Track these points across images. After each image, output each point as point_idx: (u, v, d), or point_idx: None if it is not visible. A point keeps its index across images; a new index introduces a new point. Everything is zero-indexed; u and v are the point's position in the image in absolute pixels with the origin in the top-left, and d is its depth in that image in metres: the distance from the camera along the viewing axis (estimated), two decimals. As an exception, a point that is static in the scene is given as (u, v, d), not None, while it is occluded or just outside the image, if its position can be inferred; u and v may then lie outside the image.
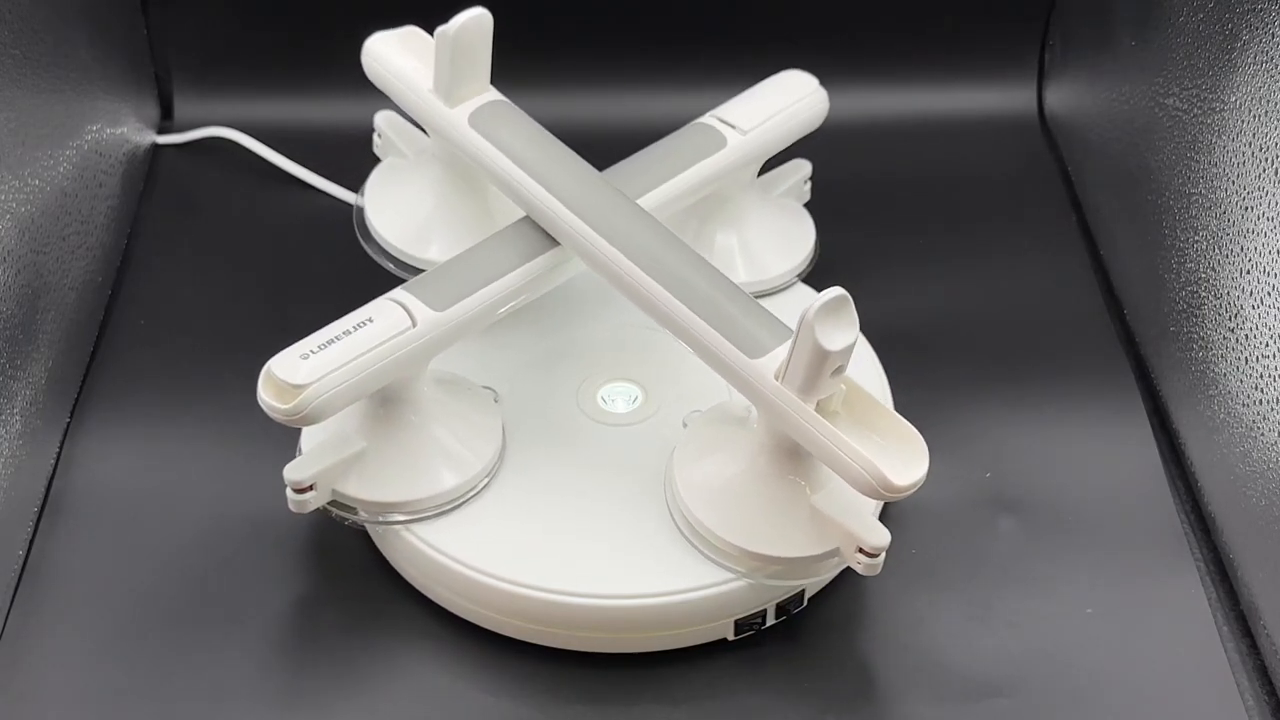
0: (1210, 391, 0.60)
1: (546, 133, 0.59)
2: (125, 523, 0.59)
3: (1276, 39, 0.55)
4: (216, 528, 0.59)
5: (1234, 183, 0.58)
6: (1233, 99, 0.58)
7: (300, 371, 0.50)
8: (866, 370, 0.61)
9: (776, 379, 0.49)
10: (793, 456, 0.52)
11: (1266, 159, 0.55)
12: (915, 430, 0.50)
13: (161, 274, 0.70)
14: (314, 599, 0.57)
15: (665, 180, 0.60)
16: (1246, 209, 0.57)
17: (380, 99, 0.63)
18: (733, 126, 0.62)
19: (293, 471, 0.53)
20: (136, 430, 0.63)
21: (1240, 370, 0.57)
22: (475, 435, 0.57)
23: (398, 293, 0.54)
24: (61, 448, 0.62)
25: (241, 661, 0.54)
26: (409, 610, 0.56)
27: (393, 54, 0.61)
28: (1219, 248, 0.59)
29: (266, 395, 0.50)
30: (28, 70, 0.62)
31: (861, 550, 0.51)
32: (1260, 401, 0.55)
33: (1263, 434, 0.55)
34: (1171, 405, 0.64)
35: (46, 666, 0.54)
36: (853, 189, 0.74)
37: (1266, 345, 0.55)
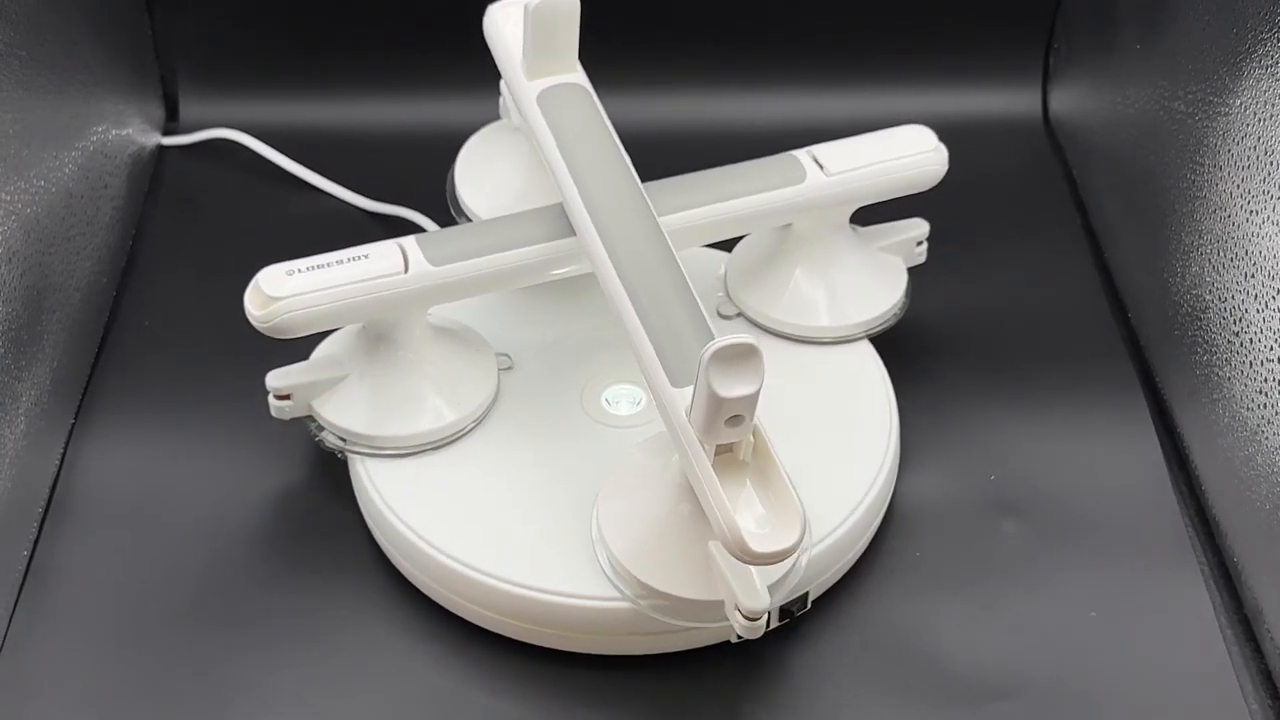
0: (1214, 395, 0.60)
1: (604, 125, 0.58)
2: (129, 523, 0.59)
3: (1281, 42, 0.55)
4: (220, 529, 0.59)
5: (1239, 186, 0.58)
6: (1237, 103, 0.58)
7: (281, 286, 0.54)
8: (870, 373, 0.61)
9: (685, 414, 0.48)
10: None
11: (1271, 163, 0.55)
12: (799, 502, 0.48)
13: (166, 275, 0.71)
14: (317, 600, 0.57)
15: (722, 200, 0.59)
16: (1251, 213, 0.57)
17: (389, 101, 0.63)
18: (820, 165, 0.60)
19: (272, 378, 0.57)
20: (140, 431, 0.63)
21: (1244, 374, 0.57)
22: (456, 391, 0.58)
23: (406, 239, 0.56)
24: (66, 449, 0.62)
25: (244, 662, 0.54)
26: (412, 611, 0.56)
27: (506, 21, 0.61)
28: (1223, 251, 0.59)
29: (249, 301, 0.54)
30: (33, 72, 0.63)
31: (739, 609, 0.49)
32: (1264, 405, 0.55)
33: (1266, 437, 0.55)
34: (1175, 408, 0.64)
35: (51, 666, 0.54)
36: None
37: (1270, 349, 0.55)
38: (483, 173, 0.65)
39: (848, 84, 0.80)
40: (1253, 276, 0.57)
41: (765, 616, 0.49)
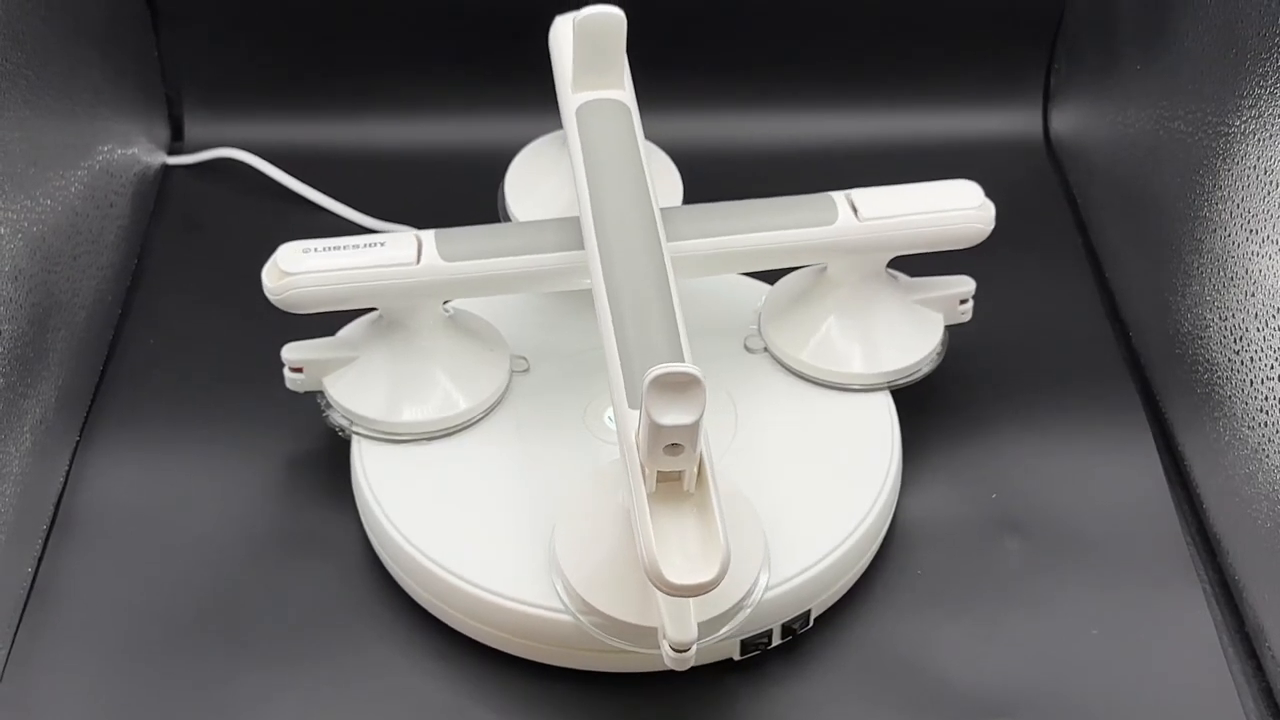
0: (1215, 413, 0.60)
1: (633, 144, 0.58)
2: (133, 540, 0.59)
3: (1281, 63, 0.55)
4: (224, 546, 0.59)
5: (1239, 206, 0.58)
6: (1238, 123, 0.58)
7: (296, 263, 0.56)
8: (874, 392, 0.61)
9: (634, 436, 0.48)
10: None
11: (1271, 182, 0.55)
12: (723, 541, 0.47)
13: (171, 293, 0.71)
14: (320, 618, 0.57)
15: (746, 231, 0.59)
16: (1251, 232, 0.57)
17: (392, 121, 0.63)
18: (854, 209, 0.59)
19: (287, 351, 0.59)
20: (145, 449, 0.63)
21: (1245, 392, 0.57)
22: (459, 385, 0.59)
23: (426, 231, 0.57)
24: (71, 465, 0.62)
25: (248, 679, 0.54)
26: (415, 629, 0.56)
27: (567, 33, 0.61)
28: (1224, 270, 0.59)
29: (266, 275, 0.56)
30: (40, 92, 0.63)
31: (666, 638, 0.49)
32: (1265, 424, 0.55)
33: (1268, 456, 0.55)
34: (1177, 427, 0.64)
35: (55, 683, 0.54)
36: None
37: (1271, 367, 0.55)
38: (533, 183, 0.65)
39: (850, 104, 0.80)
40: (1253, 295, 0.57)
41: (693, 649, 0.49)
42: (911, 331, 0.62)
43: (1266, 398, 0.55)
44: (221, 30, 0.78)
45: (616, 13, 0.58)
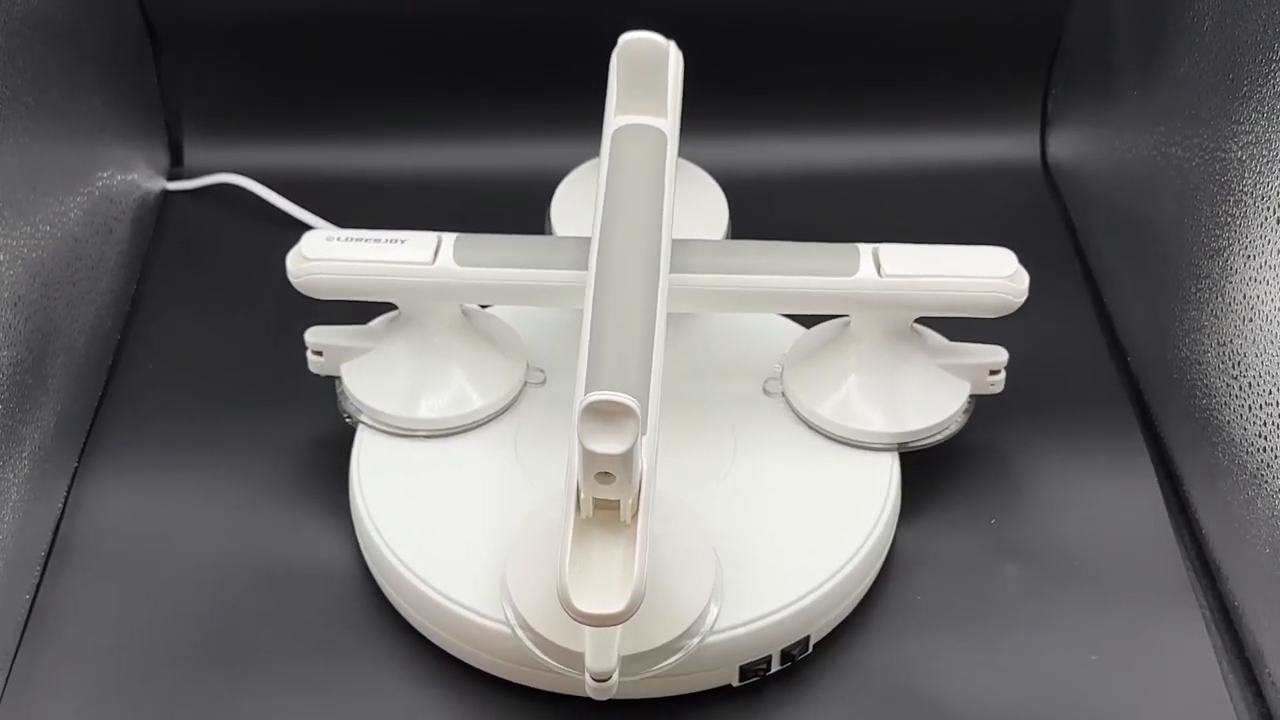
0: (1214, 439, 0.60)
1: (659, 173, 0.58)
2: (132, 567, 0.59)
3: (1277, 89, 0.55)
4: (223, 572, 0.59)
5: (1236, 231, 0.58)
6: (1235, 149, 0.59)
7: (317, 249, 0.58)
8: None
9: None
10: None
11: (1268, 208, 0.56)
12: (636, 577, 0.46)
13: (170, 319, 0.71)
14: (321, 644, 0.57)
15: (759, 273, 0.58)
16: (1249, 257, 0.57)
17: (391, 147, 0.63)
18: (877, 264, 0.58)
19: (310, 334, 0.61)
20: (144, 475, 0.63)
21: (1244, 418, 0.57)
22: (464, 388, 0.60)
23: (448, 234, 0.58)
24: (69, 492, 0.62)
25: (248, 706, 0.54)
26: (414, 654, 0.56)
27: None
28: (1222, 296, 0.59)
29: (290, 258, 0.58)
30: (40, 117, 0.63)
31: (586, 665, 0.49)
32: (1264, 449, 0.55)
33: (1266, 481, 0.55)
34: (1175, 453, 0.64)
35: (54, 708, 0.54)
36: (857, 236, 0.74)
37: (1270, 393, 0.55)
38: (580, 206, 0.65)
39: (846, 129, 0.80)
40: (1251, 321, 0.57)
41: (613, 680, 0.49)
42: (928, 397, 0.60)
43: (1265, 423, 0.55)
44: (221, 57, 0.78)
45: (658, 40, 0.58)
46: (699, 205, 0.67)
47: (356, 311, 0.61)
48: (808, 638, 0.55)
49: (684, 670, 0.52)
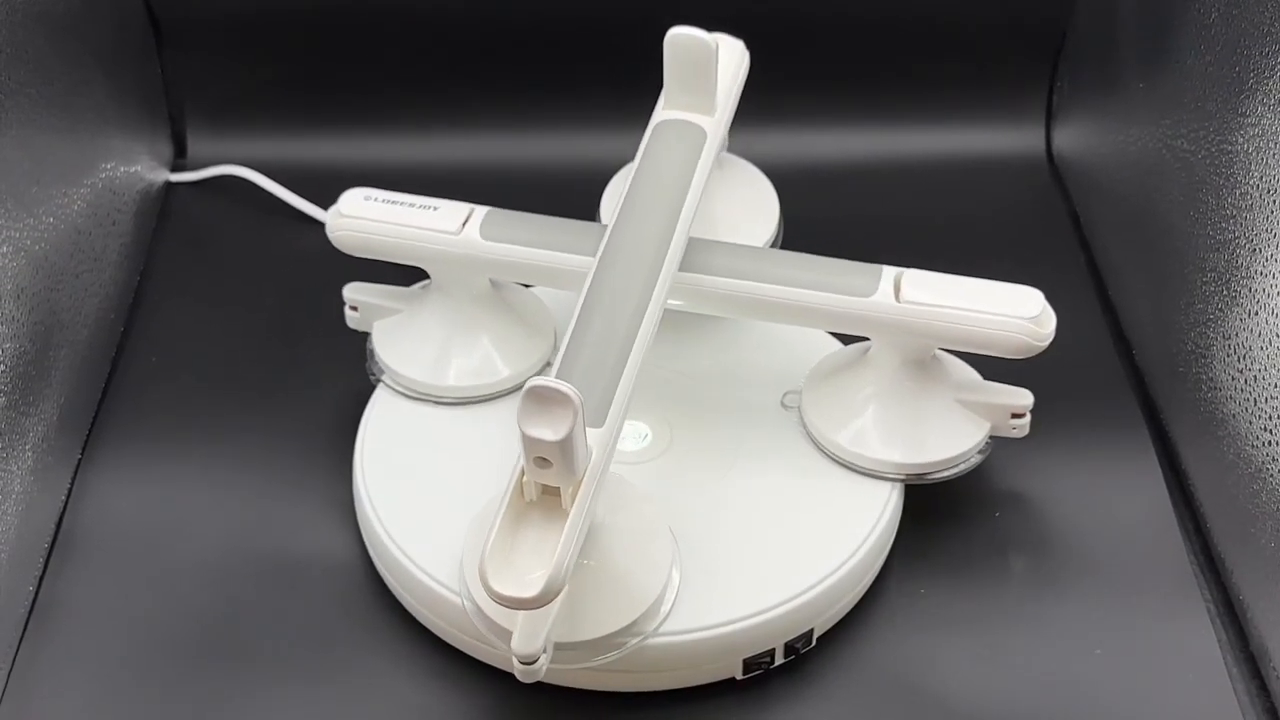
0: (1219, 432, 0.60)
1: (688, 172, 0.58)
2: (136, 559, 0.59)
3: (1284, 82, 0.55)
4: (227, 565, 0.59)
5: (1242, 224, 0.58)
6: (1240, 141, 0.58)
7: (353, 207, 0.60)
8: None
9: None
10: None
11: (1274, 201, 0.55)
12: (558, 561, 0.46)
13: (174, 311, 0.71)
14: (324, 637, 0.57)
15: (772, 282, 0.57)
16: (1255, 250, 0.57)
17: (395, 138, 0.63)
18: (897, 289, 0.56)
19: (347, 290, 0.63)
20: (148, 467, 0.63)
21: (1249, 411, 0.57)
22: (480, 360, 0.60)
23: (481, 207, 0.59)
24: (73, 484, 0.62)
25: (250, 699, 0.54)
26: (419, 648, 0.56)
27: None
28: (1227, 289, 0.59)
29: (330, 211, 0.60)
30: (43, 109, 0.63)
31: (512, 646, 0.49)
32: (1270, 443, 0.55)
33: (1272, 475, 0.55)
34: (1181, 446, 0.64)
35: (56, 703, 0.54)
36: (862, 229, 0.74)
37: (1275, 386, 0.55)
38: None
39: (850, 122, 0.80)
40: (1256, 314, 0.57)
41: (539, 664, 0.49)
42: (941, 432, 0.58)
43: (1270, 416, 0.55)
44: (224, 48, 0.78)
45: (701, 36, 0.58)
46: (750, 204, 0.66)
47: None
48: (811, 631, 0.55)
49: (632, 668, 0.52)
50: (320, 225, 0.75)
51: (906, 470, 0.58)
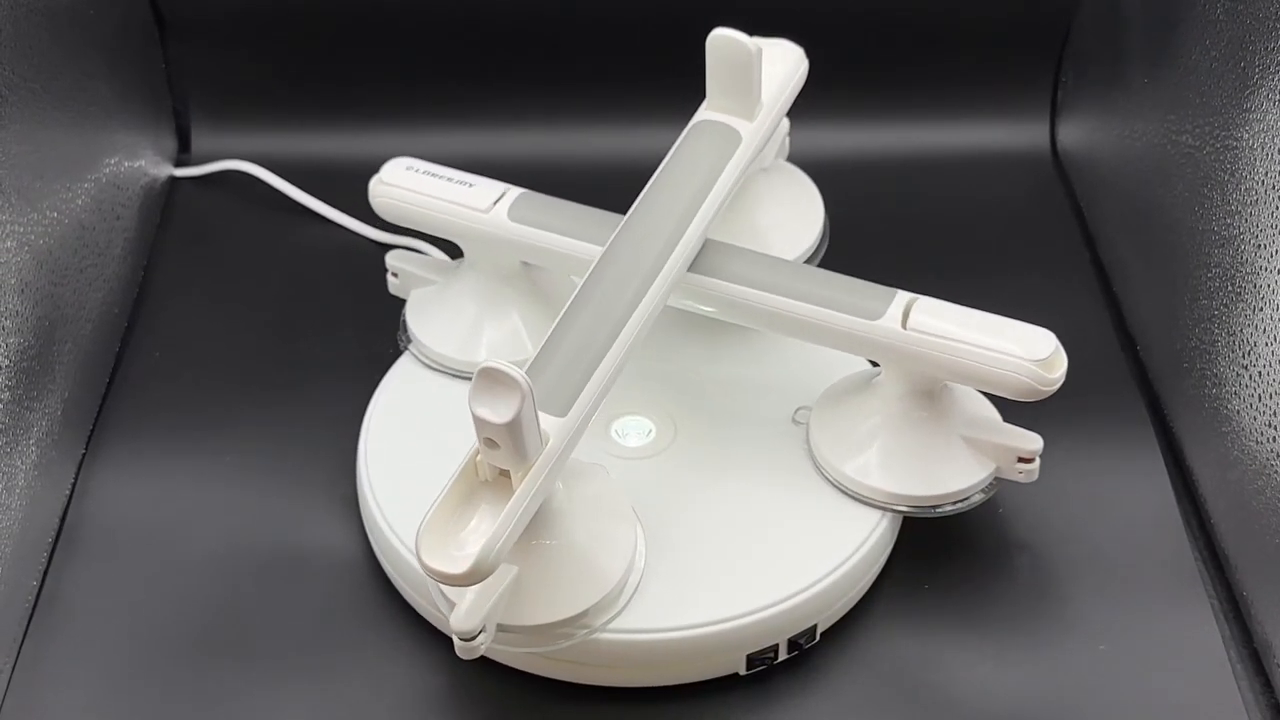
0: (1223, 429, 0.60)
1: (711, 174, 0.57)
2: (139, 554, 0.59)
3: (1289, 77, 0.55)
4: (231, 560, 0.59)
5: (1247, 220, 0.58)
6: (1245, 136, 0.58)
7: (394, 176, 0.61)
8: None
9: None
10: None
11: (1279, 196, 0.55)
12: (488, 542, 0.46)
13: (178, 306, 0.71)
14: (328, 632, 0.57)
15: (777, 292, 0.56)
16: (1259, 246, 0.57)
17: (399, 133, 0.63)
18: (905, 315, 0.55)
19: (390, 257, 0.65)
20: (151, 462, 0.63)
21: (1254, 407, 0.57)
22: (498, 336, 0.61)
23: (515, 189, 0.60)
24: (76, 479, 0.62)
25: (254, 695, 0.54)
26: (422, 643, 0.56)
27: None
28: (1232, 284, 0.59)
29: (373, 180, 0.62)
30: (47, 104, 0.63)
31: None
32: (1274, 439, 0.55)
33: (1276, 471, 0.55)
34: (1185, 442, 0.64)
35: (60, 697, 0.54)
36: (866, 223, 0.74)
37: (1280, 382, 0.55)
38: None
39: (855, 116, 0.80)
40: (1261, 310, 0.57)
41: (478, 642, 0.49)
42: (942, 468, 0.57)
43: (1275, 412, 0.55)
44: (228, 43, 0.78)
45: (739, 39, 0.57)
46: (794, 214, 0.65)
47: (354, 308, 0.60)
48: (815, 626, 0.55)
49: (636, 663, 0.52)
50: (324, 220, 0.75)
51: (901, 501, 0.57)
